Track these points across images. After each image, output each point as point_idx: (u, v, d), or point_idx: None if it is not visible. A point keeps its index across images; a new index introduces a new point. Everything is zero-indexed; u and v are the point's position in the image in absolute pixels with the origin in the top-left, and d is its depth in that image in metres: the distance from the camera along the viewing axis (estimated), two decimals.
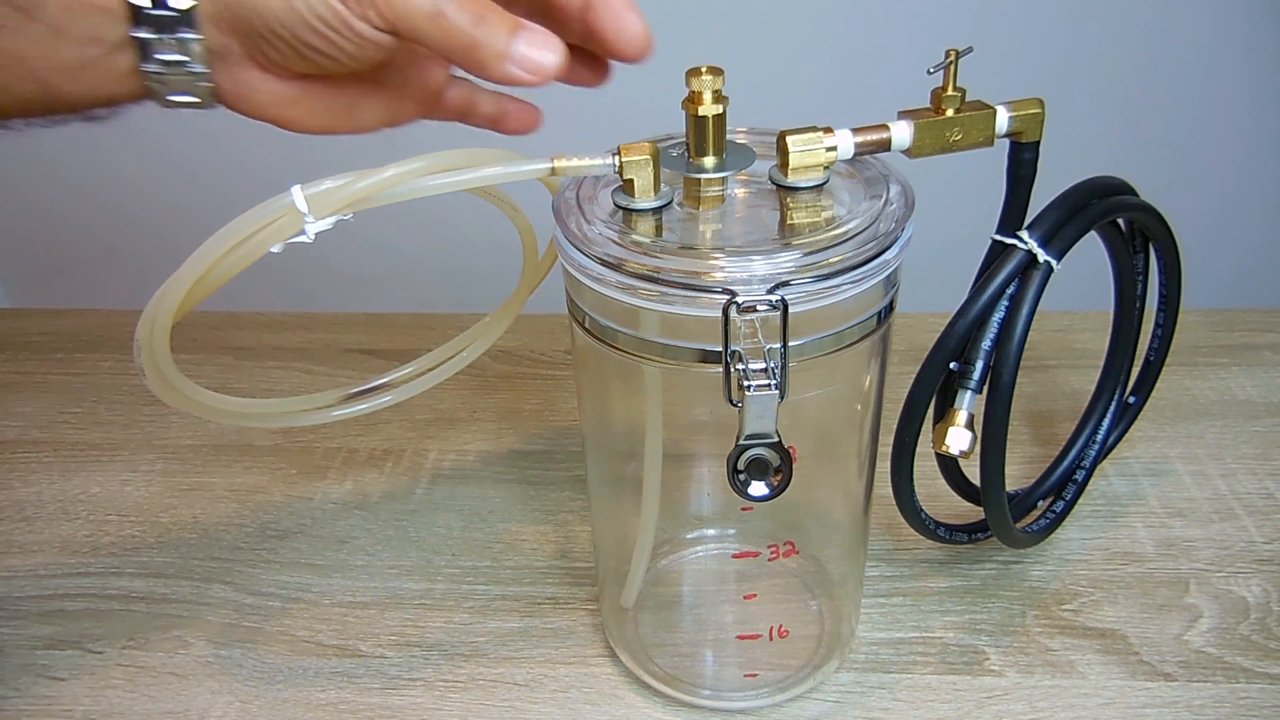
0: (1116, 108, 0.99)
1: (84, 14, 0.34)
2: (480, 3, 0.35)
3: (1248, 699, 0.43)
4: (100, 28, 0.35)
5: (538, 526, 0.55)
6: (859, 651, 0.47)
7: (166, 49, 0.35)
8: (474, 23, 0.34)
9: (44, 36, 0.34)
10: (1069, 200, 0.40)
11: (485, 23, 0.35)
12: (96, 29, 0.35)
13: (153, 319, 0.36)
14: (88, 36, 0.35)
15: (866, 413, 0.41)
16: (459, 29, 0.34)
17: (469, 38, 0.35)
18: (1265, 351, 0.67)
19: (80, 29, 0.35)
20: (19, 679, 0.47)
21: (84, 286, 1.18)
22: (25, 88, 0.35)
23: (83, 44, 0.35)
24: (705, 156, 0.38)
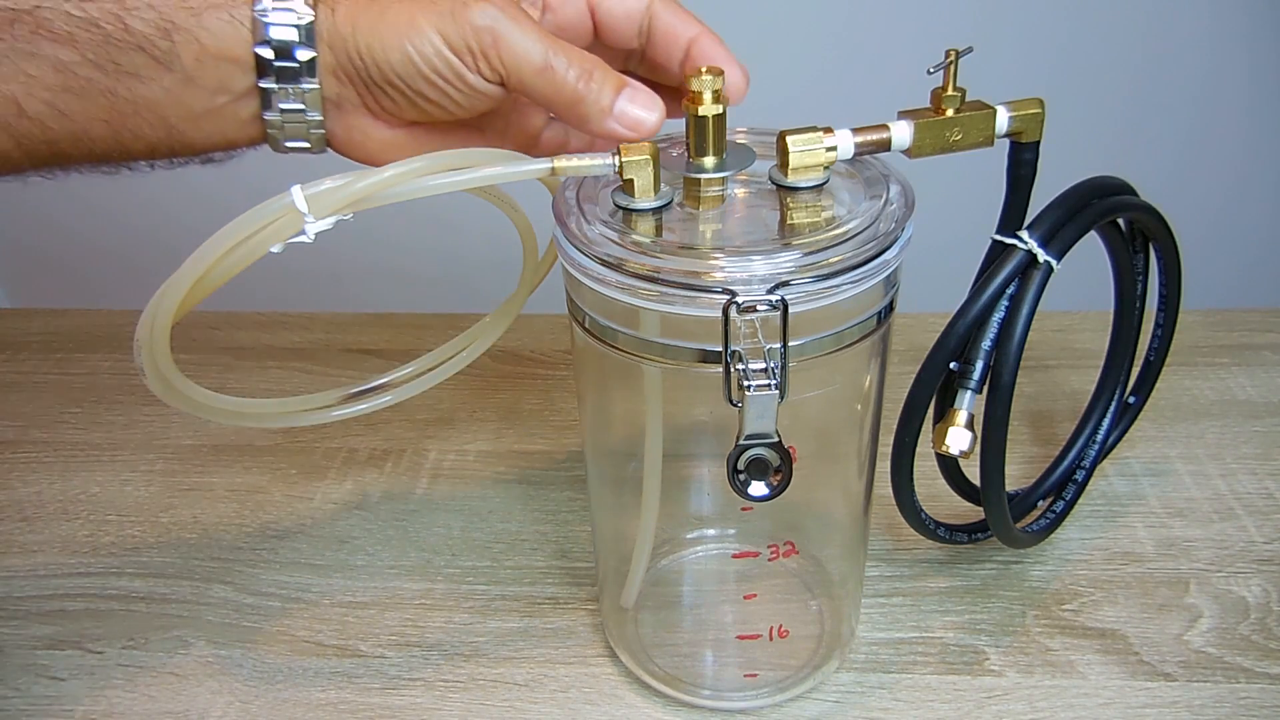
0: (1116, 108, 0.99)
1: (215, 65, 0.36)
2: (587, 59, 0.37)
3: (1248, 699, 0.43)
4: (229, 78, 0.36)
5: (538, 526, 0.55)
6: (859, 651, 0.47)
7: (288, 98, 0.37)
8: (581, 78, 0.36)
9: (177, 86, 0.36)
10: (1069, 200, 0.40)
11: (592, 79, 0.36)
12: (225, 79, 0.36)
13: (153, 319, 0.36)
14: (216, 86, 0.36)
15: (866, 413, 0.41)
16: (567, 84, 0.36)
17: (575, 93, 0.36)
18: (1265, 351, 0.67)
19: (210, 79, 0.36)
20: (19, 679, 0.47)
21: (84, 286, 1.18)
22: (155, 133, 0.37)
23: (211, 93, 0.37)
24: (705, 156, 0.38)
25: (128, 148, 0.37)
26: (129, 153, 0.38)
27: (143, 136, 0.37)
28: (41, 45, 0.35)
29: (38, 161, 0.37)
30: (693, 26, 0.40)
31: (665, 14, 0.40)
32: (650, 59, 0.41)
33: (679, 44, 0.40)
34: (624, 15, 0.40)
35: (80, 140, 0.37)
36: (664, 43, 0.40)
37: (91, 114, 0.36)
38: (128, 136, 0.37)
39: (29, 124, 0.36)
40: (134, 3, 0.35)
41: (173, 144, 0.38)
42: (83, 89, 0.35)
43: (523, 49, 0.36)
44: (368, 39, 0.36)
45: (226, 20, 0.36)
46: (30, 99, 0.35)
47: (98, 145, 0.37)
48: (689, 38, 0.40)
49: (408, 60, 0.36)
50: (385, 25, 0.36)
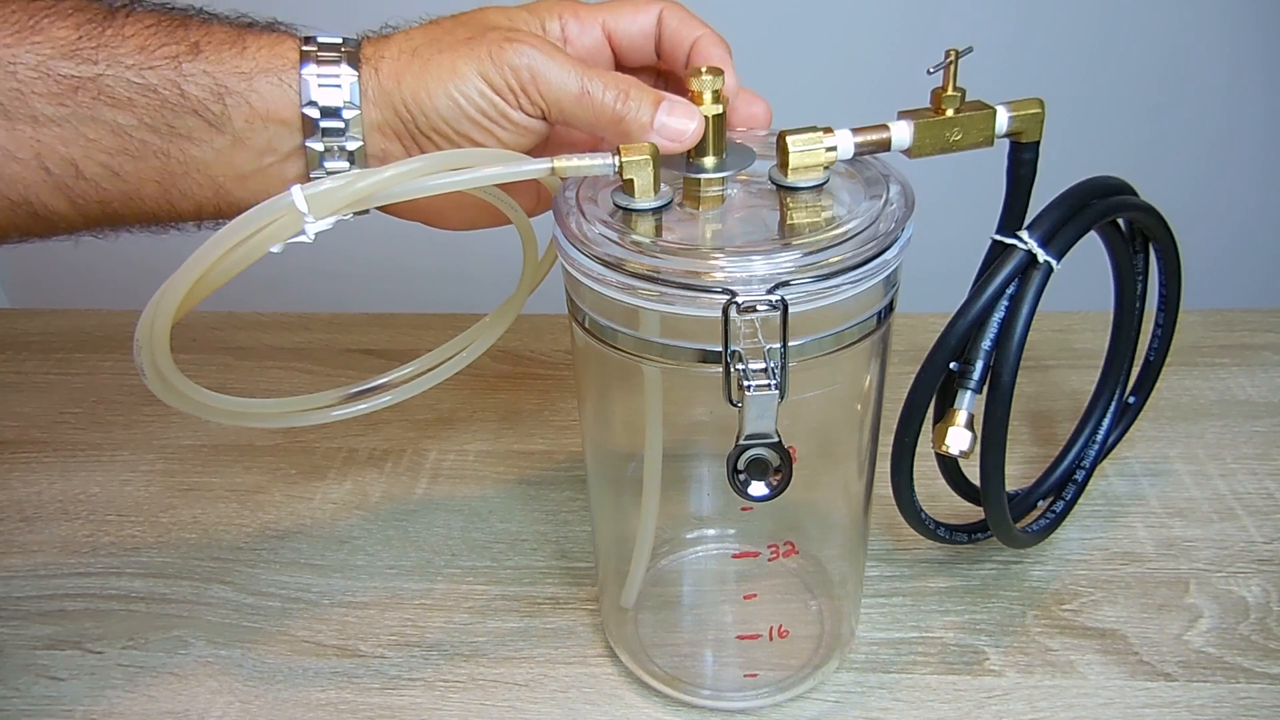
0: (1116, 108, 0.99)
1: (264, 126, 0.38)
2: (622, 79, 0.38)
3: (1248, 699, 0.43)
4: (277, 139, 0.38)
5: (538, 526, 0.55)
6: (859, 651, 0.47)
7: (334, 156, 0.38)
8: (619, 99, 0.38)
9: (227, 147, 0.38)
10: (1069, 200, 0.40)
11: (630, 98, 0.38)
12: (274, 140, 0.38)
13: (153, 319, 0.36)
14: (264, 147, 0.38)
15: (866, 413, 0.41)
16: (606, 106, 0.38)
17: (615, 114, 0.38)
18: (1265, 351, 0.67)
19: (259, 140, 0.38)
20: (19, 679, 0.47)
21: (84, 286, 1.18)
22: (203, 193, 0.39)
23: (260, 153, 0.38)
24: (705, 156, 0.38)
25: (176, 207, 0.39)
26: (177, 212, 0.39)
27: (191, 196, 0.38)
28: (102, 111, 0.36)
29: (90, 221, 0.39)
30: (697, 29, 0.41)
31: (672, 21, 0.41)
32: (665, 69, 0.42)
33: (684, 46, 0.41)
34: (638, 33, 0.41)
35: (132, 200, 0.38)
36: (671, 48, 0.41)
37: (144, 175, 0.37)
38: (177, 196, 0.38)
39: (85, 185, 0.37)
40: (190, 69, 0.37)
41: (219, 203, 0.39)
42: (138, 151, 0.37)
43: (560, 80, 0.37)
44: (413, 90, 0.38)
45: (276, 84, 0.37)
46: (88, 161, 0.36)
47: (148, 204, 0.38)
48: (693, 39, 0.41)
49: (454, 105, 0.37)
50: (429, 76, 0.38)
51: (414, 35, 0.39)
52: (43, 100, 0.35)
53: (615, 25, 0.41)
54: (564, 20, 0.41)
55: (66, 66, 0.35)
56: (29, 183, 0.36)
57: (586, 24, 0.41)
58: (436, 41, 0.38)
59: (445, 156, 0.36)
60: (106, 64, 0.36)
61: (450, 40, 0.38)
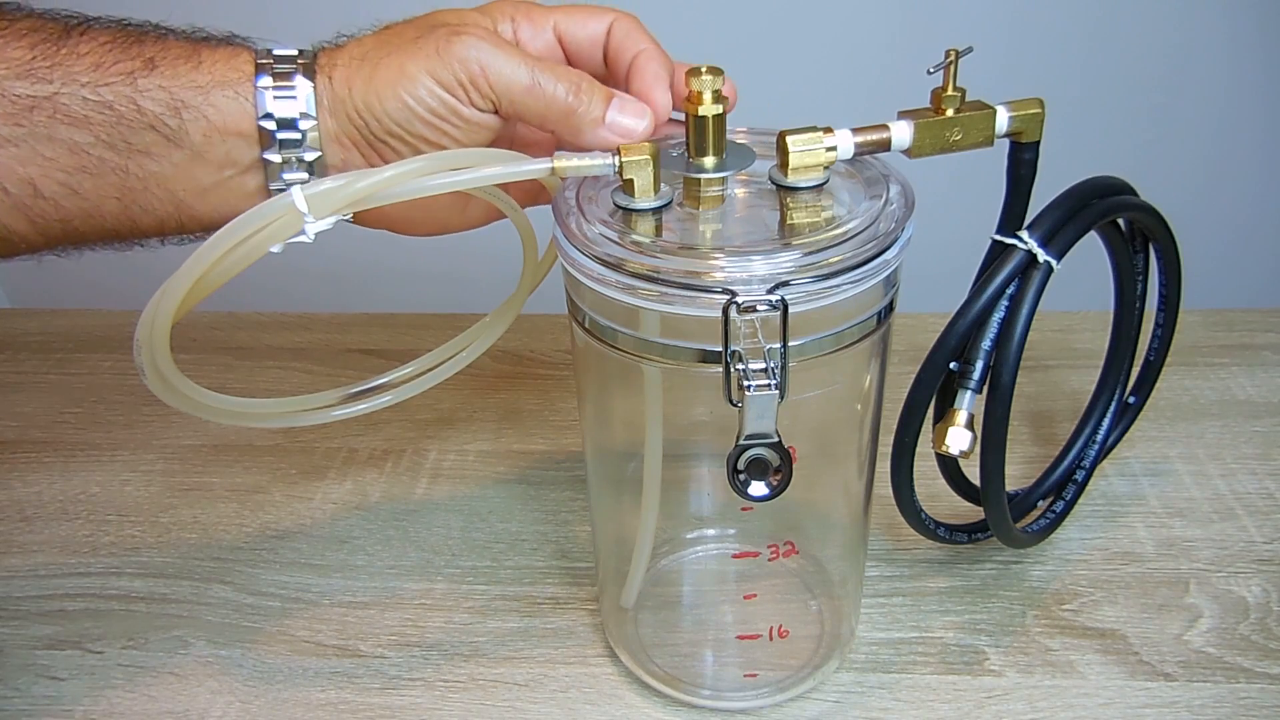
0: (1116, 108, 0.99)
1: (222, 139, 0.37)
2: (573, 73, 0.38)
3: (1248, 699, 0.43)
4: (235, 151, 0.38)
5: (538, 526, 0.55)
6: (859, 651, 0.47)
7: (292, 167, 0.38)
8: (570, 92, 0.38)
9: (185, 161, 0.37)
10: (1069, 200, 0.40)
11: (581, 91, 0.38)
12: (232, 153, 0.38)
13: (153, 319, 0.36)
14: (223, 160, 0.38)
15: (866, 413, 0.41)
16: (557, 99, 0.37)
17: (566, 106, 0.38)
18: (1265, 351, 0.67)
19: (217, 153, 0.38)
20: (19, 679, 0.47)
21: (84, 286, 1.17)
22: (164, 208, 0.38)
23: (219, 167, 0.38)
24: (705, 156, 0.38)
25: (137, 223, 0.39)
26: (138, 228, 0.39)
27: (152, 211, 0.38)
28: (58, 129, 0.36)
29: (51, 240, 0.38)
30: (641, 42, 0.40)
31: (619, 32, 0.41)
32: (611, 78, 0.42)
33: (625, 59, 0.40)
34: (588, 39, 0.41)
35: (92, 217, 0.38)
36: (614, 59, 0.41)
37: (104, 192, 0.37)
38: (137, 212, 0.38)
39: (44, 204, 0.37)
40: (146, 84, 0.36)
41: (181, 218, 0.39)
42: (96, 168, 0.37)
43: (509, 72, 0.37)
44: (364, 96, 0.37)
45: (232, 97, 0.37)
46: (46, 180, 0.36)
47: (109, 221, 0.38)
48: (635, 52, 0.40)
49: (404, 107, 0.37)
50: (378, 79, 0.37)
51: (365, 41, 0.39)
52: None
53: (566, 29, 0.41)
54: (516, 22, 0.40)
55: (21, 86, 0.35)
56: None
57: (539, 26, 0.41)
58: (385, 44, 0.38)
59: (445, 156, 0.36)
60: (62, 82, 0.35)
61: (398, 42, 0.38)
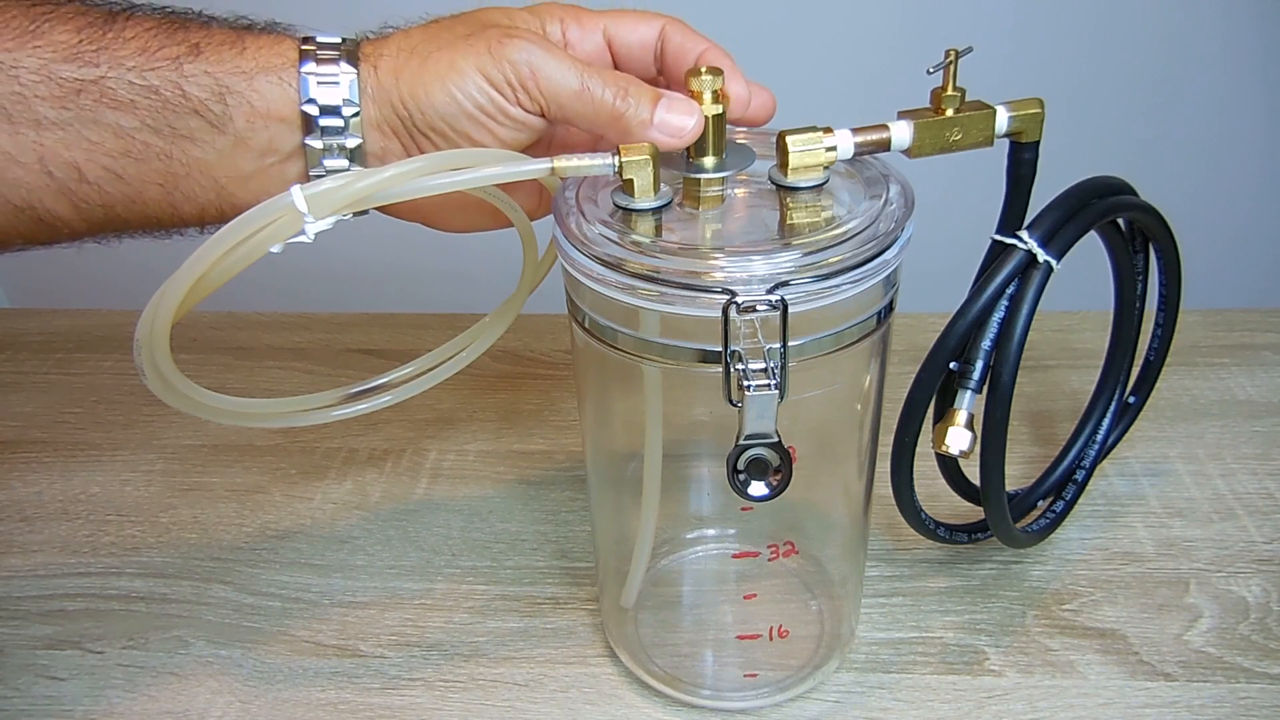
0: (1116, 108, 0.99)
1: (265, 125, 0.38)
2: (621, 77, 0.38)
3: (1248, 699, 0.43)
4: (278, 138, 0.38)
5: (538, 526, 0.55)
6: (859, 651, 0.47)
7: (333, 154, 0.38)
8: (618, 96, 0.38)
9: (228, 147, 0.38)
10: (1069, 200, 0.40)
11: (629, 95, 0.38)
12: (275, 139, 0.38)
13: (153, 319, 0.36)
14: (266, 146, 0.38)
15: (866, 413, 0.41)
16: (605, 103, 0.38)
17: (614, 110, 0.38)
18: (1265, 351, 0.67)
19: (260, 139, 0.38)
20: (19, 679, 0.47)
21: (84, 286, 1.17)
22: (205, 195, 0.39)
23: (262, 153, 0.38)
24: (705, 156, 0.38)
25: (179, 210, 0.39)
26: (180, 215, 0.39)
27: (194, 198, 0.38)
28: (104, 113, 0.36)
29: (94, 226, 0.39)
30: (701, 43, 0.41)
31: (675, 36, 0.41)
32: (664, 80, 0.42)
33: (688, 61, 0.41)
34: (639, 43, 0.41)
35: (135, 203, 0.38)
36: (674, 64, 0.41)
37: (147, 177, 0.37)
38: (179, 198, 0.38)
39: (88, 189, 0.37)
40: (191, 69, 0.37)
41: (222, 205, 0.39)
42: (141, 153, 0.37)
43: (559, 76, 0.37)
44: (411, 87, 0.38)
45: (276, 83, 0.37)
46: (90, 164, 0.37)
47: (151, 208, 0.38)
48: (697, 53, 0.40)
49: (451, 100, 0.37)
50: (427, 73, 0.38)
51: (413, 34, 0.39)
52: (45, 104, 0.35)
53: (616, 33, 0.41)
54: (565, 24, 0.41)
55: (68, 69, 0.35)
56: (32, 187, 0.36)
57: (588, 29, 0.41)
58: (435, 39, 0.39)
59: (445, 156, 0.36)
60: (108, 66, 0.36)
61: (449, 37, 0.38)
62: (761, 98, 0.41)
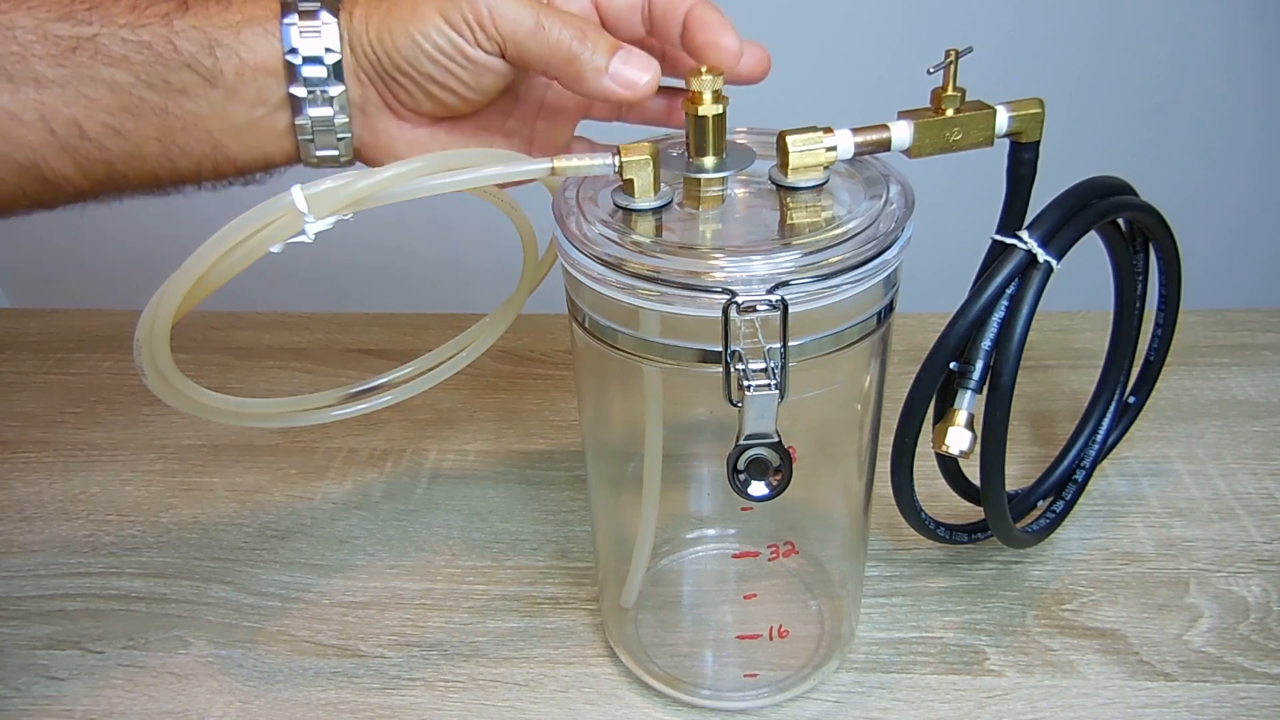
0: (1116, 108, 0.99)
1: (253, 76, 0.39)
2: (582, 20, 0.39)
3: (1248, 699, 0.43)
4: (266, 89, 0.39)
5: (538, 526, 0.55)
6: (859, 651, 0.47)
7: (316, 102, 0.39)
8: (575, 39, 0.38)
9: (220, 100, 0.39)
10: (1069, 200, 0.40)
11: (587, 39, 0.38)
12: (263, 90, 0.39)
13: (153, 319, 0.36)
14: (256, 98, 0.39)
15: (866, 413, 0.41)
16: (561, 43, 0.38)
17: (570, 51, 0.38)
18: (1265, 351, 0.67)
19: (249, 91, 0.39)
20: (19, 679, 0.47)
21: (84, 286, 1.18)
22: (201, 148, 0.40)
23: (251, 105, 0.39)
24: (705, 156, 0.38)
25: (176, 164, 0.40)
26: (177, 170, 0.40)
27: (190, 152, 0.39)
28: (100, 70, 0.37)
29: (96, 184, 0.39)
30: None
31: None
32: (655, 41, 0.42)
33: (677, 17, 0.40)
34: (625, 4, 0.41)
35: (134, 159, 0.39)
36: (663, 21, 0.41)
37: (145, 132, 0.38)
38: (176, 153, 0.39)
39: (89, 145, 0.38)
40: (181, 25, 0.38)
41: (217, 159, 0.40)
42: (137, 108, 0.38)
43: (515, 14, 0.38)
44: (378, 33, 0.39)
45: (261, 34, 0.38)
46: (90, 121, 0.37)
47: (149, 163, 0.39)
48: (686, 8, 0.40)
49: (413, 44, 0.38)
50: (393, 17, 0.38)
51: None
52: (43, 62, 0.36)
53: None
54: None
55: (63, 28, 0.36)
56: (35, 145, 0.37)
57: None
58: None
59: (445, 157, 0.36)
60: (101, 24, 0.37)
61: None
62: (755, 54, 0.40)
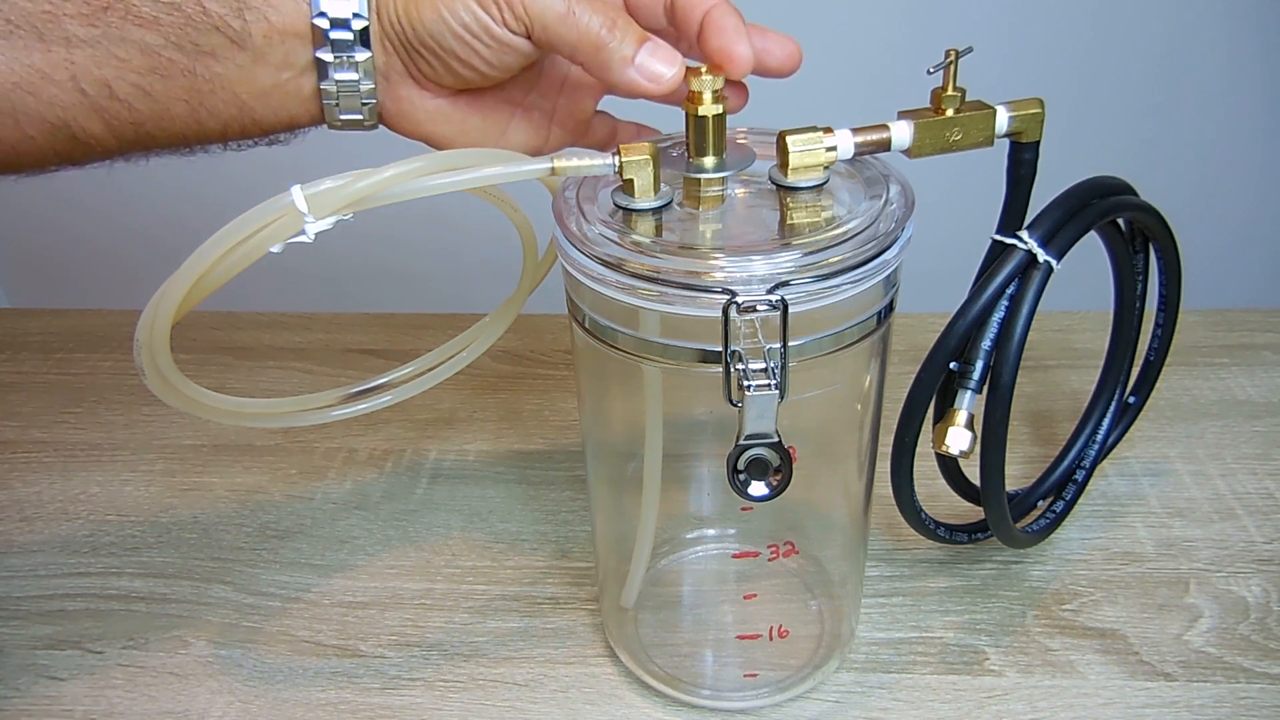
0: (1116, 108, 0.99)
1: (281, 40, 0.39)
2: (613, 9, 0.38)
3: (1248, 699, 0.43)
4: (293, 53, 0.40)
5: (538, 526, 0.55)
6: (859, 651, 0.47)
7: (342, 67, 0.40)
8: (604, 26, 0.38)
9: (248, 63, 0.39)
10: (1069, 200, 0.40)
11: (615, 28, 0.38)
12: (290, 53, 0.40)
13: (153, 319, 0.36)
14: (282, 61, 0.40)
15: (866, 413, 0.41)
16: (590, 30, 0.38)
17: (598, 39, 0.38)
18: (1265, 351, 0.67)
19: (277, 54, 0.39)
20: (19, 679, 0.47)
21: (84, 286, 1.18)
22: (228, 110, 0.40)
23: (278, 68, 0.40)
24: (705, 156, 0.38)
25: (204, 126, 0.40)
26: (205, 132, 0.40)
27: (217, 114, 0.40)
28: (130, 30, 0.37)
29: (124, 144, 0.40)
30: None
31: None
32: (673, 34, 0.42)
33: (696, 15, 0.40)
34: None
35: (163, 119, 0.39)
36: (683, 16, 0.41)
37: (173, 94, 0.39)
38: (204, 114, 0.40)
39: (118, 106, 0.38)
40: None
41: (244, 121, 0.40)
42: (166, 69, 0.38)
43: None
44: (405, 3, 0.39)
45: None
46: (120, 81, 0.38)
47: (177, 124, 0.40)
48: (705, 8, 0.40)
49: (439, 19, 0.38)
50: None
51: None
52: (74, 22, 0.37)
53: None
54: None
55: None
56: (66, 105, 0.38)
57: None
58: None
59: (445, 156, 0.36)
60: None
61: None
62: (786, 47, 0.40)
